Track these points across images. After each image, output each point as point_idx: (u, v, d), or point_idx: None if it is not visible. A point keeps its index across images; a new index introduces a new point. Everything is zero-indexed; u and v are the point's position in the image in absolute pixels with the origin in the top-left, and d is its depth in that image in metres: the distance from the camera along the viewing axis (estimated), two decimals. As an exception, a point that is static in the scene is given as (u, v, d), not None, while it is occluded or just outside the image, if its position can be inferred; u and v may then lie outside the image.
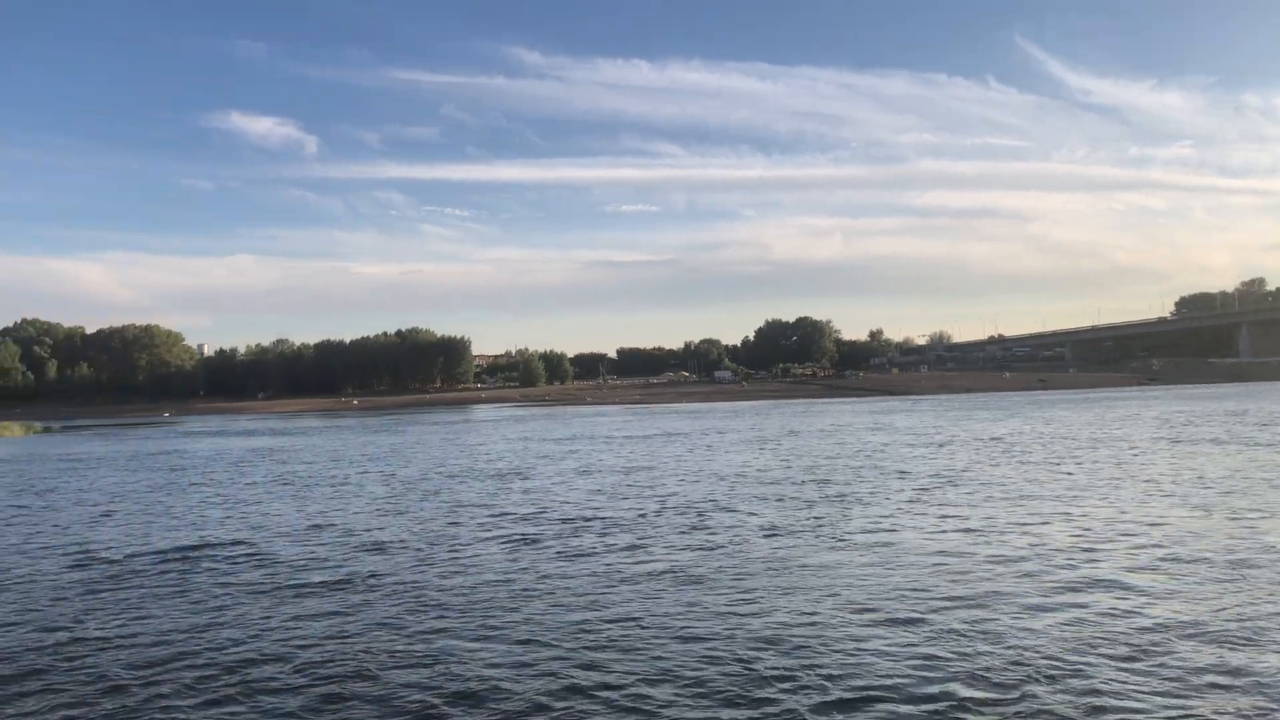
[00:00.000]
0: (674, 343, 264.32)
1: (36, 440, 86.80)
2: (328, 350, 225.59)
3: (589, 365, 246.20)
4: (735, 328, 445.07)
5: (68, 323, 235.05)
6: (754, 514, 24.52)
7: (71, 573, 19.51)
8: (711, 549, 19.81)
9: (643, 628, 13.85)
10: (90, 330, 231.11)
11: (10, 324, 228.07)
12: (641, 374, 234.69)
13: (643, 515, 24.82)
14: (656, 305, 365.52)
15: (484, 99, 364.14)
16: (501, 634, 13.75)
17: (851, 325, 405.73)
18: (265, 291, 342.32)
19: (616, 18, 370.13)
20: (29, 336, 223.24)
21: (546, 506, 27.21)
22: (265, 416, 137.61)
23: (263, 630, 14.38)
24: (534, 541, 21.40)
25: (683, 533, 21.93)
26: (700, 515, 24.51)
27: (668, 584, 16.60)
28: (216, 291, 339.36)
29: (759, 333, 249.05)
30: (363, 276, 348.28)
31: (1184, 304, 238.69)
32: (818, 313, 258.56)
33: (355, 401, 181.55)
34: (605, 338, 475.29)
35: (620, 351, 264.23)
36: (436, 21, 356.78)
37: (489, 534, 22.72)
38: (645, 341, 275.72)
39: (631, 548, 20.20)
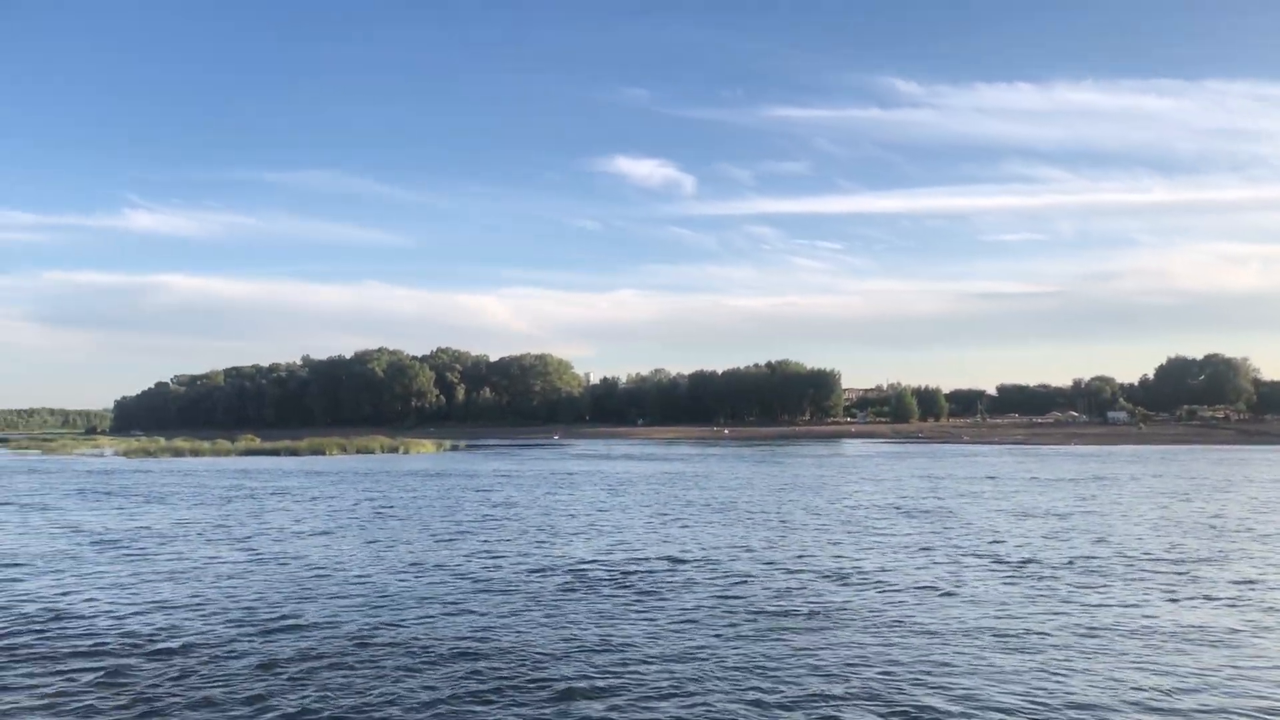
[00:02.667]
0: (1061, 380, 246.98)
1: (448, 457, 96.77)
2: (700, 380, 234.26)
3: (965, 401, 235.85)
4: (1131, 364, 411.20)
5: (474, 351, 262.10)
6: (1247, 566, 21.88)
7: (537, 580, 21.32)
8: (1208, 603, 17.88)
9: (1167, 689, 12.57)
10: (493, 359, 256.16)
11: (428, 351, 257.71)
12: (1023, 412, 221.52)
13: (1103, 560, 22.93)
14: (1041, 339, 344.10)
15: (856, 131, 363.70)
16: (1013, 679, 13.06)
17: (1272, 364, 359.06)
18: (644, 323, 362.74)
19: (1000, 41, 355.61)
20: (442, 364, 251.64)
21: (993, 547, 26.02)
22: (644, 442, 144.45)
23: (744, 655, 14.71)
24: (991, 580, 20.41)
25: (1163, 583, 20.05)
26: (1172, 564, 22.30)
27: (1175, 641, 15.18)
28: (600, 323, 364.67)
29: (1159, 370, 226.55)
30: (735, 309, 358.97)
31: None
32: (1229, 349, 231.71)
33: (726, 431, 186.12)
34: (983, 373, 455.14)
35: (1000, 388, 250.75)
36: (809, 56, 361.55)
37: (938, 570, 22.09)
38: (1028, 378, 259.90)
39: (1112, 593, 18.77)
